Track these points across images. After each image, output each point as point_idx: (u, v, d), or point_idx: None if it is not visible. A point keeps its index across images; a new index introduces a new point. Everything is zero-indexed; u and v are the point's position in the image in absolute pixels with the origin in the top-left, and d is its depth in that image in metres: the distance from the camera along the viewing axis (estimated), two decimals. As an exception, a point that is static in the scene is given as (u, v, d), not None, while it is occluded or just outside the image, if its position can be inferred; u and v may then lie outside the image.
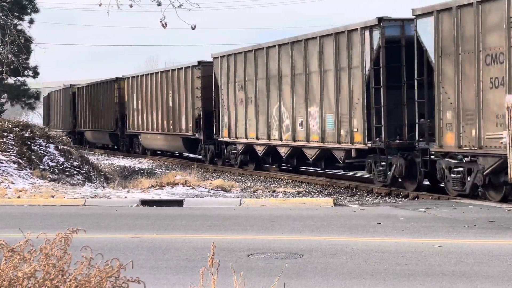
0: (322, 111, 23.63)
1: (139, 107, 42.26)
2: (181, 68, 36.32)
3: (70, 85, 56.69)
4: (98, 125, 49.87)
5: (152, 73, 41.19)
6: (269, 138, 27.19)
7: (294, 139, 25.49)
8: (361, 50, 21.51)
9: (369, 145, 21.36)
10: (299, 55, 24.83)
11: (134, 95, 42.93)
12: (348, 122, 22.29)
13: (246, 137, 28.94)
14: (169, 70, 38.65)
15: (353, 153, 22.39)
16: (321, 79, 23.73)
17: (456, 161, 18.57)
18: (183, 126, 35.84)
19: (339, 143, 22.86)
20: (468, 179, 17.99)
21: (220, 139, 31.67)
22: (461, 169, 18.24)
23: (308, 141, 24.55)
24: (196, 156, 36.78)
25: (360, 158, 22.43)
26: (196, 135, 34.40)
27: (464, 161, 18.30)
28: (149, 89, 40.78)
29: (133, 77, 44.06)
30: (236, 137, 29.74)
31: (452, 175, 18.43)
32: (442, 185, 19.76)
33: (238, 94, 29.38)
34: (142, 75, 42.53)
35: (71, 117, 56.18)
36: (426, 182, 21.11)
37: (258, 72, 27.99)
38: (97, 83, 50.86)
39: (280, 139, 26.43)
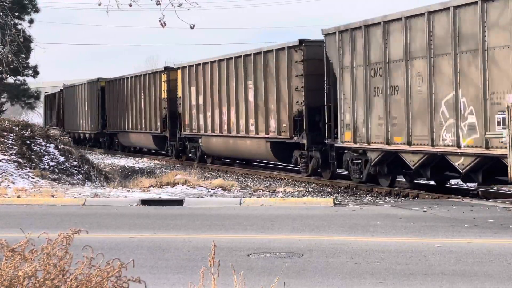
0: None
1: (200, 103, 33.76)
2: (270, 51, 27.53)
3: (98, 78, 50.62)
4: (137, 125, 43.11)
5: (222, 59, 31.76)
6: (433, 142, 19.07)
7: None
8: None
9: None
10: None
11: (193, 88, 34.54)
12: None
13: (388, 143, 20.75)
14: (249, 54, 29.25)
15: None
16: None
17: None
18: (273, 127, 27.35)
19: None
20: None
21: (338, 144, 23.14)
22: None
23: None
24: (288, 165, 29.45)
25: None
26: (295, 138, 25.94)
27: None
28: (215, 79, 31.95)
29: (191, 65, 34.90)
30: (368, 142, 21.64)
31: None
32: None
33: (372, 82, 21.42)
34: (206, 63, 33.19)
35: (99, 116, 50.14)
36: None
37: (412, 46, 19.90)
38: (136, 75, 44.31)
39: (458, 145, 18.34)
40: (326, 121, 23.85)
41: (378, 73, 21.23)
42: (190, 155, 35.81)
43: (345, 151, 22.99)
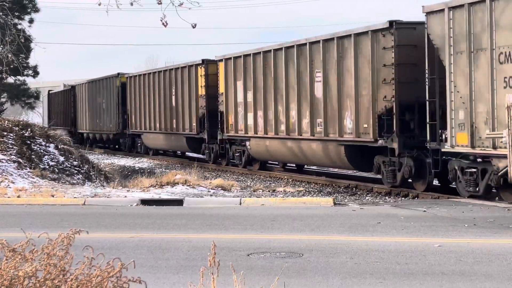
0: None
1: (248, 100, 29.14)
2: (348, 36, 22.83)
3: (118, 73, 46.01)
4: (167, 125, 38.59)
5: (277, 49, 27.30)
6: None
7: None
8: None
9: None
10: None
11: (239, 83, 30.17)
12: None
13: None
14: (316, 42, 24.60)
15: None
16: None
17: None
18: (349, 128, 22.77)
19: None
20: None
21: (446, 149, 18.72)
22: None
23: None
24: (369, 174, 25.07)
25: None
26: (381, 141, 21.33)
27: None
28: (270, 72, 27.41)
29: (237, 57, 30.39)
30: (494, 147, 17.10)
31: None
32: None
33: (500, 69, 16.79)
34: (257, 53, 28.77)
35: (118, 116, 45.70)
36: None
37: None
38: (166, 69, 39.36)
39: None
40: (428, 120, 19.23)
41: (510, 59, 16.60)
42: (234, 160, 31.97)
43: (451, 158, 18.91)
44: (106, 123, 48.03)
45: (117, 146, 49.53)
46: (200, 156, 36.61)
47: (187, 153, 40.03)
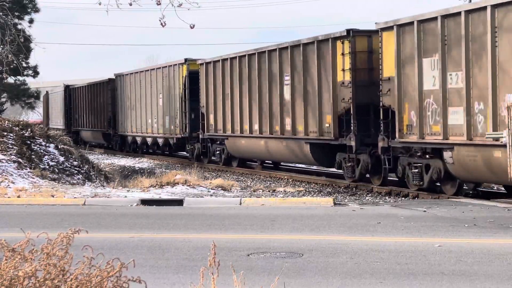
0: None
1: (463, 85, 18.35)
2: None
3: (185, 59, 35.63)
4: (273, 127, 27.55)
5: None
6: None
7: None
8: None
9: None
10: None
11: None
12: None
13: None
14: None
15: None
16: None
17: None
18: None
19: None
20: None
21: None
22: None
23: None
24: None
25: None
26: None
27: None
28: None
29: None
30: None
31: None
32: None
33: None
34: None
35: (184, 115, 35.64)
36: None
37: None
38: (272, 49, 27.81)
39: None
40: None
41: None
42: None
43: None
44: (165, 123, 37.73)
45: (182, 153, 39.79)
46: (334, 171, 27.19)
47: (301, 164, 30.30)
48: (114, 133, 46.95)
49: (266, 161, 31.73)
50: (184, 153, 38.86)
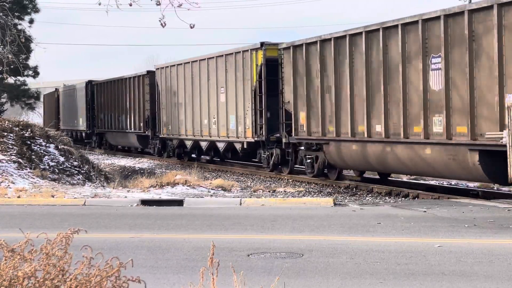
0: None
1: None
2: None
3: (262, 43, 28.11)
4: (403, 125, 20.43)
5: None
6: None
7: None
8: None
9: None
10: None
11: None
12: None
13: None
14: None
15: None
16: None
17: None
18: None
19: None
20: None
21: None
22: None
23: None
24: None
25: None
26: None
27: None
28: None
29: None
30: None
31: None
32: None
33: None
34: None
35: (256, 113, 28.74)
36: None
37: None
38: (401, 23, 20.40)
39: None
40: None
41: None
42: None
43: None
44: (229, 124, 30.91)
45: (254, 161, 32.18)
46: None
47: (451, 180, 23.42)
48: (153, 135, 40.23)
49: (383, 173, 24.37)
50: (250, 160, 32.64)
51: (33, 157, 24.93)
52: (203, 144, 33.95)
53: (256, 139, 28.56)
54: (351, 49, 22.53)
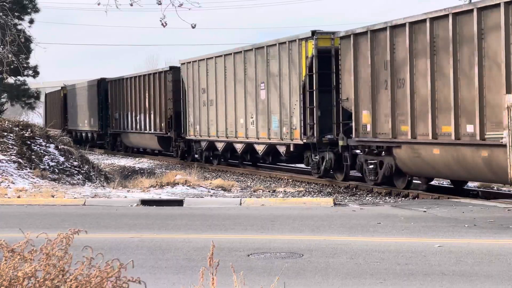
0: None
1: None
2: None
3: (313, 32, 24.41)
4: None
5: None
6: None
7: None
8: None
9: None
10: None
11: None
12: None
13: None
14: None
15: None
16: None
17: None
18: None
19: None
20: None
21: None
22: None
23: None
24: None
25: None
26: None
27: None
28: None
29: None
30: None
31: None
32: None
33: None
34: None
35: (308, 112, 24.78)
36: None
37: None
38: None
39: None
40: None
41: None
42: None
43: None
44: (270, 124, 27.34)
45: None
46: None
47: None
48: (177, 136, 36.76)
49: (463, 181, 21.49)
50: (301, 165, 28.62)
51: (33, 157, 24.93)
52: (238, 147, 30.20)
53: (305, 141, 24.91)
54: (432, 35, 18.95)
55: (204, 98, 32.80)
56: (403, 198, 20.11)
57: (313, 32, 24.27)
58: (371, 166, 21.79)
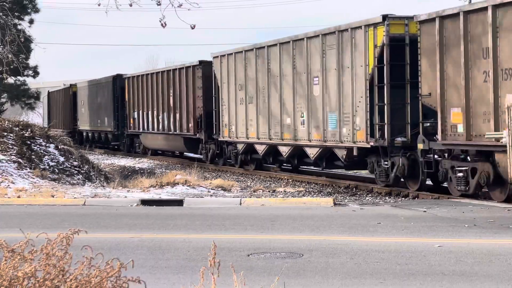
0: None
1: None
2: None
3: (384, 16, 20.76)
4: None
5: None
6: None
7: None
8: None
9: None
10: None
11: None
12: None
13: None
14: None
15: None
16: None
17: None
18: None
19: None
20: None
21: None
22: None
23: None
24: None
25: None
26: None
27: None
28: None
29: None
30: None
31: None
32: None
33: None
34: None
35: (375, 109, 21.20)
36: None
37: None
38: None
39: None
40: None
41: None
42: None
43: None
44: (325, 125, 23.80)
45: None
46: None
47: None
48: (208, 138, 33.19)
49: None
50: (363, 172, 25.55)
51: (33, 157, 24.93)
52: (284, 150, 26.53)
53: (372, 144, 21.26)
54: None
55: (241, 95, 29.11)
56: (403, 198, 20.10)
57: (384, 17, 20.68)
58: (461, 174, 18.19)
